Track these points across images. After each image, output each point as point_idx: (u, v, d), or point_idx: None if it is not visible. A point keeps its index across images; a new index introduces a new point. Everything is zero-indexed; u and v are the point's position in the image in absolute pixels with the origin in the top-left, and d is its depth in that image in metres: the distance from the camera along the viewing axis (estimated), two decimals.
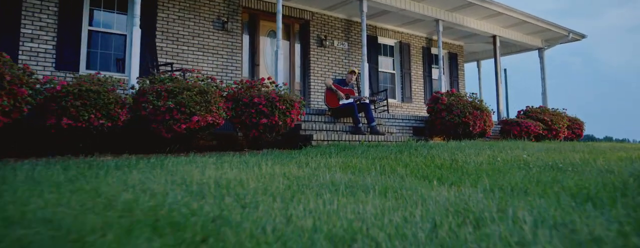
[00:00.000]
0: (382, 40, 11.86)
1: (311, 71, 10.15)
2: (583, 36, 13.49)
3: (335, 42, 10.69)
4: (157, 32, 8.28)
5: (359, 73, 9.40)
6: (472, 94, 9.58)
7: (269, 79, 6.98)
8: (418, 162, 4.08)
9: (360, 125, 7.68)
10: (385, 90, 10.75)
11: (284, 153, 5.38)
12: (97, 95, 5.02)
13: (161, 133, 5.45)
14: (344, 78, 8.38)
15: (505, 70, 17.78)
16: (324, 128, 7.39)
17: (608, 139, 22.62)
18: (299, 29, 10.34)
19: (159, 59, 8.13)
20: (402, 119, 9.59)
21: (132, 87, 6.08)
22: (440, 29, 10.48)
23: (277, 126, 6.38)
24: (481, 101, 9.42)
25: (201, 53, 8.73)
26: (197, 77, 6.30)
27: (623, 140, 18.11)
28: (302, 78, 10.29)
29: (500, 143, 6.74)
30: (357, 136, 7.27)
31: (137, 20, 6.51)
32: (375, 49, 11.50)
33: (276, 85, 6.88)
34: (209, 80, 6.23)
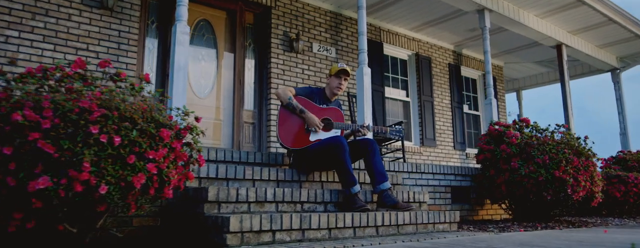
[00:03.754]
0: (389, 49, 7.76)
1: (272, 92, 5.93)
2: None
3: (315, 46, 6.56)
4: None
5: (348, 77, 4.99)
6: (557, 126, 5.33)
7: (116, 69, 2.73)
8: None
9: (357, 188, 3.37)
10: (400, 122, 6.43)
11: None
12: None
13: None
14: (320, 87, 4.10)
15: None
16: (265, 199, 3.06)
17: None
18: (253, 22, 6.22)
19: None
20: (432, 174, 5.27)
21: None
22: (487, 23, 6.39)
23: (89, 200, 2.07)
24: (578, 139, 5.14)
25: (51, 46, 4.56)
26: None
27: None
28: (257, 103, 6.06)
29: None
30: (350, 217, 2.96)
31: None
32: (378, 63, 7.36)
33: (146, 92, 2.64)
34: None
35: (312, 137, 3.60)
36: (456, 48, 8.73)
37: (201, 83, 5.67)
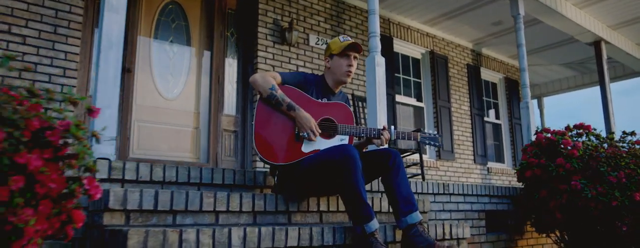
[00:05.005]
0: (400, 46, 6.61)
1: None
2: None
3: (313, 38, 5.41)
4: None
5: (358, 55, 3.37)
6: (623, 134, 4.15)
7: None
8: None
9: (374, 225, 2.18)
10: (418, 130, 5.22)
11: None
12: None
13: None
14: (318, 75, 2.74)
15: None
16: (230, 247, 1.88)
17: None
18: (237, 8, 5.07)
19: None
20: (463, 195, 4.09)
21: None
22: (521, 11, 5.24)
23: None
24: None
25: None
26: None
27: None
28: (240, 106, 4.88)
29: None
30: None
31: None
32: (387, 61, 6.19)
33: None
34: None
35: (307, 147, 2.41)
36: (475, 46, 7.59)
37: (169, 81, 4.50)
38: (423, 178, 4.84)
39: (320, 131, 2.42)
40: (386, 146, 3.29)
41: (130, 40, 4.25)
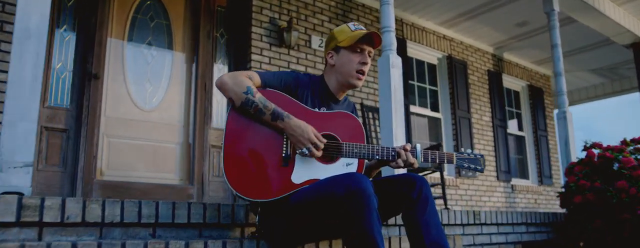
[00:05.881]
0: (415, 50, 5.92)
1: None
2: None
3: (316, 40, 4.73)
4: None
5: (373, 50, 1.99)
6: None
7: None
8: None
9: None
10: (439, 145, 4.46)
11: None
12: None
13: None
14: (316, 76, 2.02)
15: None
16: None
17: None
18: (227, 4, 4.41)
19: None
20: (496, 225, 3.38)
21: None
22: (556, 6, 4.55)
23: None
24: None
25: None
26: None
27: None
28: None
29: None
30: None
31: None
32: (402, 67, 5.49)
33: None
34: None
35: (299, 174, 1.71)
36: (496, 51, 6.89)
37: (146, 89, 3.84)
38: (445, 204, 4.11)
39: (323, 144, 1.72)
40: (402, 171, 2.60)
41: (98, 42, 3.60)
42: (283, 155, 1.71)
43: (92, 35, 3.57)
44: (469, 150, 2.05)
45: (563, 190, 3.50)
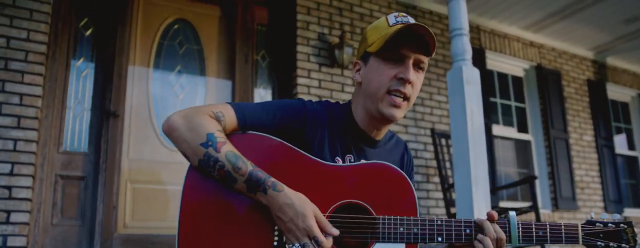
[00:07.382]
0: (495, 61, 4.99)
1: None
2: None
3: None
4: None
5: (424, 58, 1.24)
6: None
7: None
8: None
9: None
10: (533, 177, 3.53)
11: None
12: None
13: None
14: (340, 103, 1.30)
15: None
16: None
17: None
18: (268, 22, 3.82)
19: None
20: None
21: None
22: None
23: None
24: None
25: None
26: None
27: None
28: None
29: None
30: None
31: None
32: (480, 81, 4.60)
33: None
34: None
35: None
36: (597, 55, 5.75)
37: None
38: None
39: (336, 233, 1.02)
40: None
41: (118, 73, 3.13)
42: (274, 244, 1.02)
43: (110, 66, 3.12)
44: (605, 216, 1.23)
45: None
